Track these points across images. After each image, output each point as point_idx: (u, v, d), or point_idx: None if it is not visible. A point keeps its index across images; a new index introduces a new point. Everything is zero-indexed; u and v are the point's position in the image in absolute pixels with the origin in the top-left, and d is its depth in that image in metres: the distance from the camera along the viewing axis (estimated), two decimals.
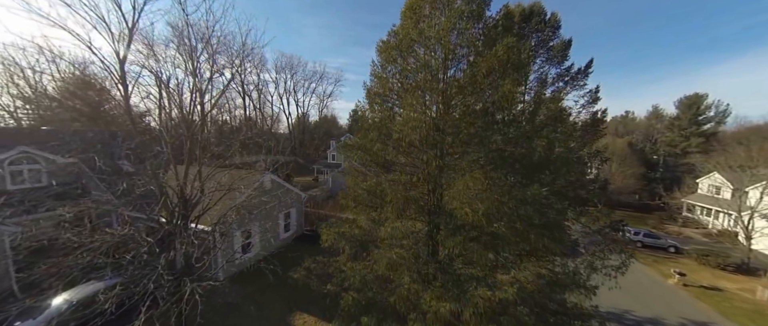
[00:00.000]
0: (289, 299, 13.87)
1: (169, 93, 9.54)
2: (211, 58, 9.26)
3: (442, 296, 4.90)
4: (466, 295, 4.76)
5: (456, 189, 5.22)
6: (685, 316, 15.57)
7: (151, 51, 8.94)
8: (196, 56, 9.13)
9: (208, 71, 9.61)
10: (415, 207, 6.11)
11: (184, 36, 8.92)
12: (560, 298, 6.46)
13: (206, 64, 9.61)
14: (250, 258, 16.89)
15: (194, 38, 8.87)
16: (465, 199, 5.13)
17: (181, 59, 9.18)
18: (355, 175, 7.01)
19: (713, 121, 45.05)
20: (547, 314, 5.92)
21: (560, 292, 6.65)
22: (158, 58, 8.98)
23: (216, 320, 12.10)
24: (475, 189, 4.97)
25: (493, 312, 4.78)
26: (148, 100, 9.89)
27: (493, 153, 5.67)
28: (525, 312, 4.76)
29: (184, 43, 9.03)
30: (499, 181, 5.10)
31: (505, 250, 5.79)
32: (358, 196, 6.79)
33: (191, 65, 9.01)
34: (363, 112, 7.66)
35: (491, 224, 5.23)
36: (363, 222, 6.81)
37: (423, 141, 5.80)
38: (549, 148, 6.28)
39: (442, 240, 6.03)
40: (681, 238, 27.71)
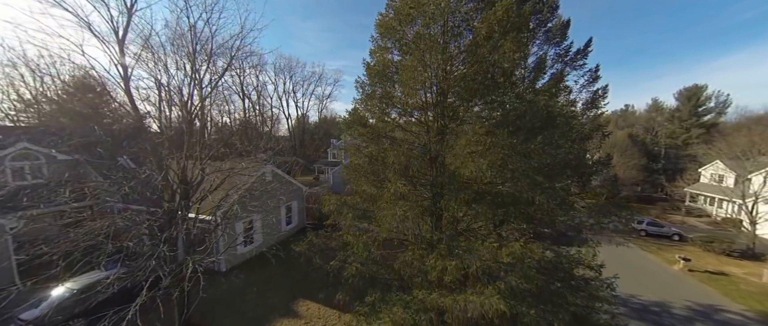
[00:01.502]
0: (293, 288, 13.82)
1: (169, 90, 9.52)
2: (210, 54, 9.20)
3: (447, 255, 4.85)
4: (471, 253, 4.71)
5: (459, 146, 5.18)
6: (691, 300, 15.45)
7: (148, 45, 8.90)
8: (193, 43, 9.07)
9: (206, 63, 9.64)
10: (417, 167, 6.07)
11: (182, 35, 8.89)
12: (567, 266, 6.40)
13: (204, 55, 9.62)
14: (253, 250, 16.86)
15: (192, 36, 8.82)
16: (468, 155, 5.08)
17: (178, 57, 9.14)
18: (356, 147, 6.95)
19: (713, 112, 44.96)
20: (554, 279, 5.86)
21: (566, 262, 6.59)
22: (154, 51, 8.95)
23: (220, 307, 12.05)
24: (478, 145, 4.93)
25: (499, 269, 4.73)
26: (147, 101, 9.93)
27: (495, 111, 5.63)
28: (533, 267, 4.68)
29: (182, 41, 8.98)
30: (501, 136, 5.05)
31: (509, 213, 5.75)
32: (360, 166, 6.74)
33: (189, 65, 8.95)
34: (363, 86, 7.64)
35: (495, 181, 5.18)
36: (364, 186, 6.75)
37: (424, 104, 5.76)
38: (550, 105, 6.28)
39: (446, 205, 5.99)
40: (685, 227, 27.56)
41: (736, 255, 21.06)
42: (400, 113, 6.68)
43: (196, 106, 9.21)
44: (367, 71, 7.55)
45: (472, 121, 5.38)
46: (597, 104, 11.51)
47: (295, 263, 16.39)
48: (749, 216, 21.93)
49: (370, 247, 6.32)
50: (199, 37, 8.82)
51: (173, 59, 8.96)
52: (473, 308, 4.32)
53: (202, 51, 9.01)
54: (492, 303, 4.03)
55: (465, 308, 4.43)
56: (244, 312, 11.78)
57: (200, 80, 9.41)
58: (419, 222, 5.77)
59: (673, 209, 32.91)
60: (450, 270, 4.72)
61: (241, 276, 14.67)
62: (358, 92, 7.94)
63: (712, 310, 14.62)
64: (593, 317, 5.88)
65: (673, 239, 24.75)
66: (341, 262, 7.25)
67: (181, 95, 9.09)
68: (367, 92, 7.55)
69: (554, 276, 5.92)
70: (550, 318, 4.82)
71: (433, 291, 5.42)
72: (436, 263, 4.91)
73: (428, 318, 4.99)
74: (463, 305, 4.50)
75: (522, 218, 6.15)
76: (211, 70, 9.73)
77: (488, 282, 4.79)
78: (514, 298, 4.43)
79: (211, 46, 8.93)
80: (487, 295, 4.28)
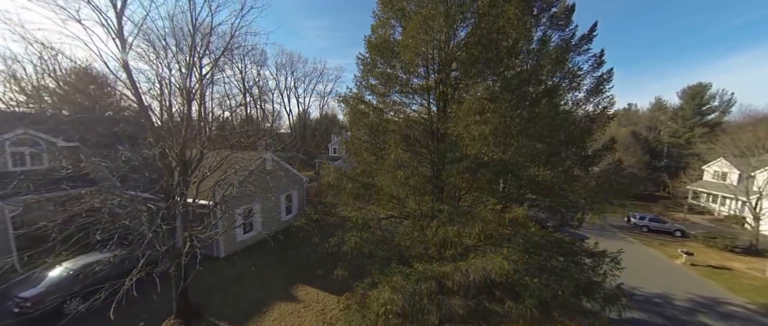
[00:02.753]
0: (291, 274, 13.75)
1: (168, 66, 9.43)
2: (210, 29, 9.10)
3: (448, 222, 4.73)
4: (473, 218, 4.59)
5: (461, 112, 5.06)
6: (694, 292, 15.32)
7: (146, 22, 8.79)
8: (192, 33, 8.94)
9: (207, 36, 9.54)
10: (418, 135, 5.94)
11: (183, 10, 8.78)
12: (569, 243, 6.29)
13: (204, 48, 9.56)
14: (252, 237, 16.79)
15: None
16: (470, 122, 4.96)
17: (177, 31, 9.05)
18: (357, 115, 6.82)
19: (717, 111, 44.63)
20: (557, 254, 5.75)
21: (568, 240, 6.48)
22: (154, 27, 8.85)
23: (218, 290, 11.99)
24: (480, 111, 4.81)
25: (501, 238, 4.61)
26: (144, 77, 9.83)
27: (499, 78, 5.50)
28: (538, 232, 4.57)
29: (183, 16, 8.88)
30: (504, 100, 4.94)
31: (511, 184, 5.64)
32: (359, 138, 6.62)
33: (189, 39, 8.85)
34: (364, 61, 7.53)
35: (498, 147, 5.06)
36: (364, 154, 6.63)
37: (426, 74, 5.64)
38: (554, 70, 6.16)
39: (447, 176, 5.87)
40: (687, 224, 27.38)
41: (738, 251, 20.89)
42: (401, 85, 6.55)
43: (196, 82, 9.11)
44: (368, 46, 7.44)
45: (474, 90, 5.24)
46: (601, 88, 11.32)
47: (294, 251, 16.34)
48: (753, 212, 21.75)
49: (370, 222, 6.21)
50: (199, 13, 8.73)
51: (173, 34, 8.87)
52: (475, 271, 4.20)
53: (201, 26, 8.92)
54: (495, 263, 3.91)
55: (467, 272, 4.31)
56: (241, 296, 11.71)
57: (200, 57, 9.32)
58: (420, 190, 5.65)
59: (675, 206, 32.71)
60: (451, 238, 4.61)
61: (240, 262, 14.62)
62: (358, 68, 7.84)
63: (715, 303, 14.48)
64: (598, 287, 5.76)
65: (675, 235, 24.58)
66: (340, 239, 7.15)
67: (180, 72, 9.00)
68: (367, 67, 7.44)
69: (557, 251, 5.82)
70: (554, 286, 4.72)
71: (433, 263, 5.32)
72: (437, 230, 4.78)
73: (428, 287, 4.87)
74: (465, 270, 4.38)
75: (525, 188, 6.03)
76: (211, 49, 9.66)
77: (491, 253, 4.68)
78: (518, 263, 4.32)
79: (211, 22, 8.83)
80: (490, 258, 4.16)
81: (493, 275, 3.92)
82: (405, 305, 4.68)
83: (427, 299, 5.01)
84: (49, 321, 9.82)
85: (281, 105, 64.55)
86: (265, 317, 10.55)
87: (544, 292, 4.70)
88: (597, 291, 5.59)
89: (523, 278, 4.46)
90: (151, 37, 8.45)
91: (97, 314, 10.31)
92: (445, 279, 4.69)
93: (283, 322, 10.33)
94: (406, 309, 4.77)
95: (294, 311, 11.00)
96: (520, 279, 4.40)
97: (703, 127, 43.07)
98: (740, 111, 45.13)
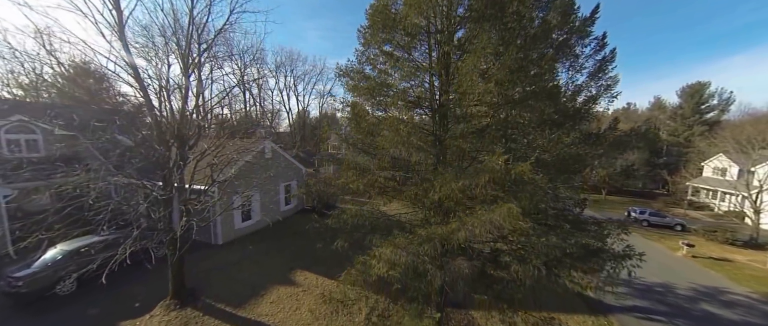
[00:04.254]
0: (290, 261, 13.58)
1: (167, 41, 9.31)
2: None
3: (453, 179, 4.59)
4: (478, 172, 4.45)
5: (466, 66, 4.92)
6: (695, 282, 15.21)
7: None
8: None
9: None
10: (420, 92, 5.81)
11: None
12: (573, 212, 6.17)
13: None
14: (251, 225, 16.62)
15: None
16: (475, 77, 4.82)
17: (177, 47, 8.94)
18: (358, 84, 6.66)
19: (716, 109, 44.74)
20: (562, 221, 5.63)
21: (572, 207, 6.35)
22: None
23: (216, 275, 11.81)
24: (486, 68, 4.71)
25: (506, 193, 4.48)
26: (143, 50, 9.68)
27: (504, 31, 5.34)
28: (545, 183, 4.43)
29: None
30: (511, 52, 4.79)
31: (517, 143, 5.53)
32: (361, 105, 6.48)
33: (188, 59, 8.74)
34: (364, 31, 7.41)
35: (504, 100, 4.94)
36: (367, 119, 6.46)
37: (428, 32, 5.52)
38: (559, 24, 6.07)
39: (451, 141, 5.74)
40: (687, 219, 27.31)
41: (739, 244, 20.81)
42: (403, 50, 6.40)
43: (195, 57, 8.98)
44: (369, 13, 7.30)
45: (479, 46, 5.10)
46: (604, 68, 11.22)
47: (293, 240, 16.16)
48: (753, 205, 21.70)
49: (371, 188, 6.07)
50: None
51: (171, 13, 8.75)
52: (482, 225, 4.06)
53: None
54: (503, 211, 3.76)
55: (472, 228, 4.16)
56: (239, 280, 11.53)
57: (199, 34, 9.20)
58: (423, 150, 5.50)
59: (675, 203, 32.66)
60: (456, 195, 4.46)
61: (238, 249, 14.45)
62: (359, 42, 7.72)
63: (717, 292, 14.37)
64: (606, 248, 5.63)
65: (675, 229, 24.51)
66: (341, 211, 7.01)
67: (179, 47, 8.87)
68: (368, 38, 7.31)
69: (563, 219, 5.70)
70: (562, 244, 4.59)
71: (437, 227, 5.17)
72: (442, 188, 4.63)
73: (432, 247, 4.72)
74: (470, 226, 4.24)
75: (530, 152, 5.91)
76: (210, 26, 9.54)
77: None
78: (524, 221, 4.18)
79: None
80: (497, 207, 4.01)
81: (501, 221, 3.77)
82: (407, 262, 4.54)
83: (430, 261, 4.88)
84: (43, 302, 9.63)
85: (281, 103, 64.33)
86: (263, 300, 10.37)
87: (552, 251, 4.57)
88: (605, 252, 5.47)
89: (530, 239, 4.34)
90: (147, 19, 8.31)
91: (91, 295, 10.19)
92: (450, 238, 4.54)
93: (281, 304, 10.16)
94: (409, 267, 4.63)
95: (292, 294, 10.83)
96: (526, 242, 4.28)
97: (702, 125, 43.16)
98: (739, 109, 45.30)
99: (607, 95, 9.97)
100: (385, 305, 7.04)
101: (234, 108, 55.87)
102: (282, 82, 65.14)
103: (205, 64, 10.07)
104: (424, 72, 6.07)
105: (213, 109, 10.45)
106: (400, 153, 5.31)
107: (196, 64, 9.14)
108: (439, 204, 5.30)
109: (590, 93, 10.29)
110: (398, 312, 5.10)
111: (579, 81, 11.70)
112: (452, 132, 5.61)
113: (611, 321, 11.44)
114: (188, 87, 9.16)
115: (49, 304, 9.64)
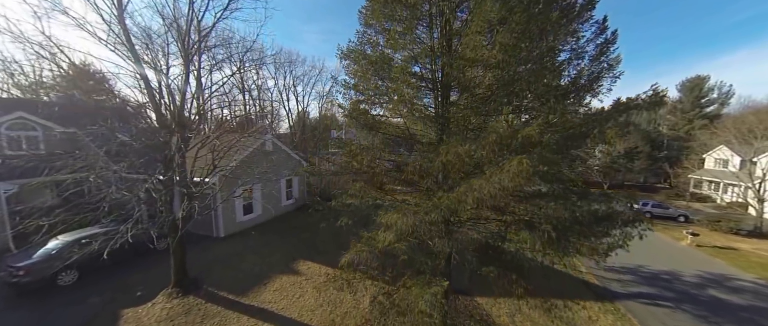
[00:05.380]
0: (292, 252, 13.47)
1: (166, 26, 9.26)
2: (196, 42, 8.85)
3: (459, 143, 4.51)
4: (486, 133, 4.36)
5: (470, 30, 4.83)
6: (701, 269, 15.09)
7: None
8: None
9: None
10: (423, 61, 5.73)
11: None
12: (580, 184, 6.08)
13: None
14: (252, 219, 16.52)
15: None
16: (479, 40, 4.73)
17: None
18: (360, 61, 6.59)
19: (716, 103, 44.65)
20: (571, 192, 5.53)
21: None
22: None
23: (218, 266, 11.71)
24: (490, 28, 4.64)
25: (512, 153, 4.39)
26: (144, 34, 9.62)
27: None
28: (553, 144, 4.35)
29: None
30: (516, 16, 4.71)
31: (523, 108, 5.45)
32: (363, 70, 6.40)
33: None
34: (365, 11, 7.36)
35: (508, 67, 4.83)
36: (371, 80, 6.37)
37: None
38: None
39: (455, 111, 5.66)
40: (690, 210, 27.20)
41: (743, 233, 20.69)
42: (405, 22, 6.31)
43: (195, 42, 8.93)
44: None
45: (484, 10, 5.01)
46: (605, 50, 11.16)
47: (295, 233, 16.06)
48: (757, 194, 21.60)
49: (374, 163, 5.98)
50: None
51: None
52: (490, 185, 3.95)
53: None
54: (512, 166, 3.65)
55: (481, 189, 4.06)
56: (242, 270, 11.43)
57: (199, 20, 9.16)
58: (427, 119, 5.43)
59: (677, 195, 32.54)
60: (463, 157, 4.36)
61: (240, 242, 14.36)
62: (360, 24, 7.68)
63: (724, 278, 14.25)
64: (616, 214, 5.52)
65: (678, 220, 24.38)
66: (343, 192, 6.93)
67: (179, 30, 8.82)
68: (367, 19, 7.26)
69: (570, 190, 5.61)
70: (572, 208, 4.50)
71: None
72: (448, 153, 4.52)
73: (440, 214, 4.62)
74: (478, 187, 4.13)
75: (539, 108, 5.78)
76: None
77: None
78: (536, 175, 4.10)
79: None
80: (506, 164, 3.90)
81: (511, 179, 3.67)
82: (414, 226, 4.44)
83: (437, 232, 4.79)
84: (44, 292, 9.54)
85: (280, 104, 64.27)
86: (266, 288, 10.27)
87: (562, 214, 4.48)
88: (615, 217, 5.37)
89: (538, 203, 4.25)
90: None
91: (93, 285, 10.10)
92: (458, 205, 4.44)
93: (284, 292, 10.06)
94: (417, 232, 4.53)
95: (295, 283, 10.73)
96: (535, 207, 4.20)
97: (702, 119, 43.08)
98: (739, 103, 45.23)
99: (609, 74, 9.90)
100: (392, 279, 6.86)
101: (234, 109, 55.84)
102: (281, 83, 65.09)
103: (204, 53, 10.00)
104: (426, 46, 6.01)
105: (213, 95, 10.32)
106: (403, 115, 5.20)
107: (197, 49, 9.10)
108: (445, 175, 5.21)
109: (592, 74, 10.24)
110: (406, 283, 5.00)
111: (581, 65, 11.67)
112: (456, 105, 5.53)
113: (618, 307, 11.32)
114: (188, 71, 9.11)
115: (51, 294, 9.54)
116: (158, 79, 8.70)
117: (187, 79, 9.02)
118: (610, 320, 10.41)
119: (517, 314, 9.98)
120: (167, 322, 8.23)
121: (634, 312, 10.98)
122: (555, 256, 5.96)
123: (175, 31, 8.83)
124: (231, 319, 8.53)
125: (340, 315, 8.99)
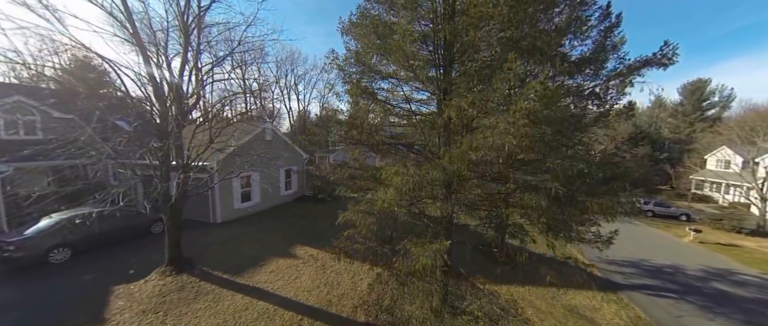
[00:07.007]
0: (291, 237, 13.27)
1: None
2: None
3: (466, 91, 4.36)
4: (492, 83, 4.20)
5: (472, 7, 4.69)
6: (704, 264, 14.87)
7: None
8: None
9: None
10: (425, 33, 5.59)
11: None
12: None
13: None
14: (250, 207, 16.32)
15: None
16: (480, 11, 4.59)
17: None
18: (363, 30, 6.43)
19: (718, 106, 44.59)
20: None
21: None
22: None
23: (214, 248, 11.50)
24: None
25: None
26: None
27: None
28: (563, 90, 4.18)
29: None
30: None
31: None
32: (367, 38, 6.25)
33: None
34: None
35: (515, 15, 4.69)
36: (372, 38, 6.19)
37: None
38: None
39: (457, 77, 5.50)
40: (692, 210, 27.00)
41: (746, 232, 20.47)
42: None
43: (194, 18, 8.81)
44: None
45: None
46: (609, 34, 11.03)
47: (293, 220, 15.86)
48: (760, 193, 21.43)
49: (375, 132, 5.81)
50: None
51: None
52: (495, 135, 3.77)
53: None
54: (518, 107, 3.48)
55: (486, 139, 3.88)
56: (239, 253, 11.22)
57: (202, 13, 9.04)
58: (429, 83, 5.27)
59: (679, 196, 32.36)
60: (466, 109, 4.20)
61: (237, 228, 14.17)
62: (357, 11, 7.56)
63: (728, 273, 14.03)
64: (625, 172, 5.36)
65: (680, 219, 24.18)
66: (343, 162, 6.76)
67: (178, 6, 8.70)
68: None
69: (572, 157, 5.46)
70: (579, 163, 4.34)
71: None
72: (450, 106, 4.35)
73: (441, 171, 4.44)
74: (482, 138, 3.96)
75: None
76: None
77: None
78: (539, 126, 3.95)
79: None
80: (511, 108, 3.74)
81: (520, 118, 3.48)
82: (415, 182, 4.27)
83: (439, 190, 4.63)
84: (36, 269, 9.35)
85: (281, 102, 64.16)
86: (262, 269, 10.06)
87: (568, 166, 4.29)
88: (622, 177, 5.20)
89: (547, 153, 4.10)
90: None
91: (86, 264, 9.91)
92: (461, 163, 4.27)
93: (280, 274, 9.84)
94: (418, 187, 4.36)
95: (292, 266, 10.51)
96: (542, 158, 4.05)
97: (703, 122, 42.98)
98: (740, 106, 45.10)
99: (613, 55, 9.80)
100: (391, 252, 6.66)
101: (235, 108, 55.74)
102: (282, 81, 65.14)
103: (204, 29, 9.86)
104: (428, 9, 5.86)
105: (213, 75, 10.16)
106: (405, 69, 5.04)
107: (197, 23, 8.98)
108: (447, 139, 5.04)
109: (597, 58, 10.12)
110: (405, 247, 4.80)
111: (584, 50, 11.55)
112: (460, 66, 5.38)
113: (620, 297, 11.10)
114: (187, 48, 8.98)
115: (43, 271, 9.34)
116: (157, 52, 8.56)
117: (186, 58, 8.89)
118: (614, 309, 10.19)
119: (520, 300, 9.77)
120: (159, 298, 8.01)
121: (637, 302, 10.77)
122: (559, 233, 5.79)
123: (175, 5, 8.71)
124: (225, 297, 8.32)
125: (337, 296, 8.77)
